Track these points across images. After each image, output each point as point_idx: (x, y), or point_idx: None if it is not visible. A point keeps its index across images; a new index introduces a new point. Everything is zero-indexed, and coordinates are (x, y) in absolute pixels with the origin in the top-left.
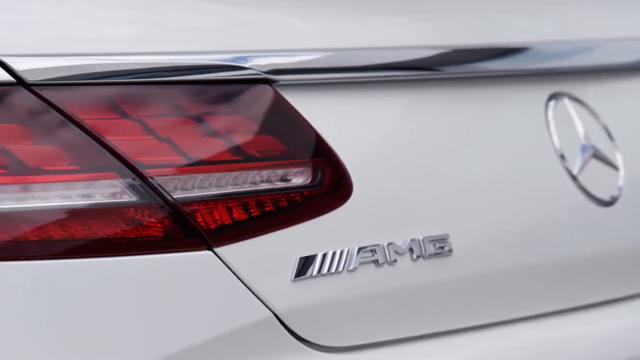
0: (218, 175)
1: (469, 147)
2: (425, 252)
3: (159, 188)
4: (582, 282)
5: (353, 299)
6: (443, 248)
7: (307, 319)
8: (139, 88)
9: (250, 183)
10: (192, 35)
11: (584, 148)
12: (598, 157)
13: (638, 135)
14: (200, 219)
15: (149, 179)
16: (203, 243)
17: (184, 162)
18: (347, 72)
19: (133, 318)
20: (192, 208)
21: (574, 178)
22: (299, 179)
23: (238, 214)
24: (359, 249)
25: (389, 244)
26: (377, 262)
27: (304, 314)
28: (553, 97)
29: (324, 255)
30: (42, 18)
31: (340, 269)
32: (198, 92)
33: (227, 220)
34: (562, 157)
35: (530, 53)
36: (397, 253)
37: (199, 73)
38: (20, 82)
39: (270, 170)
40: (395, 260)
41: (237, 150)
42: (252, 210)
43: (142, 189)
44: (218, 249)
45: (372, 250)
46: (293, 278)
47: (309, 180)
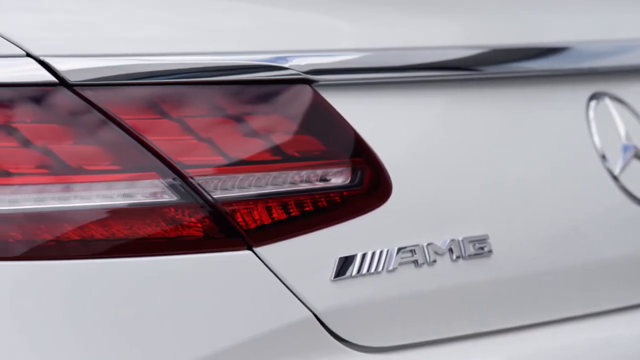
0: (258, 175)
1: (509, 147)
2: (465, 252)
3: (199, 188)
4: (623, 283)
5: (392, 299)
6: (483, 249)
7: (346, 319)
8: (180, 88)
9: (290, 183)
10: (231, 36)
11: (626, 148)
12: (639, 157)
13: None
14: (240, 219)
15: (189, 179)
16: (243, 243)
17: (224, 162)
18: (386, 72)
19: (172, 317)
20: (231, 208)
21: (615, 178)
22: (339, 179)
23: (278, 214)
24: (399, 249)
25: (429, 245)
26: (416, 262)
27: (344, 314)
28: (594, 97)
29: (364, 256)
30: (83, 19)
31: (380, 269)
32: (238, 92)
33: (266, 220)
34: (603, 157)
35: (571, 53)
36: (436, 253)
37: (239, 73)
38: (63, 82)
39: (310, 170)
40: (435, 261)
41: (276, 150)
42: (291, 210)
43: (182, 189)
44: (258, 249)
45: (411, 251)
46: (333, 278)
47: (349, 181)
